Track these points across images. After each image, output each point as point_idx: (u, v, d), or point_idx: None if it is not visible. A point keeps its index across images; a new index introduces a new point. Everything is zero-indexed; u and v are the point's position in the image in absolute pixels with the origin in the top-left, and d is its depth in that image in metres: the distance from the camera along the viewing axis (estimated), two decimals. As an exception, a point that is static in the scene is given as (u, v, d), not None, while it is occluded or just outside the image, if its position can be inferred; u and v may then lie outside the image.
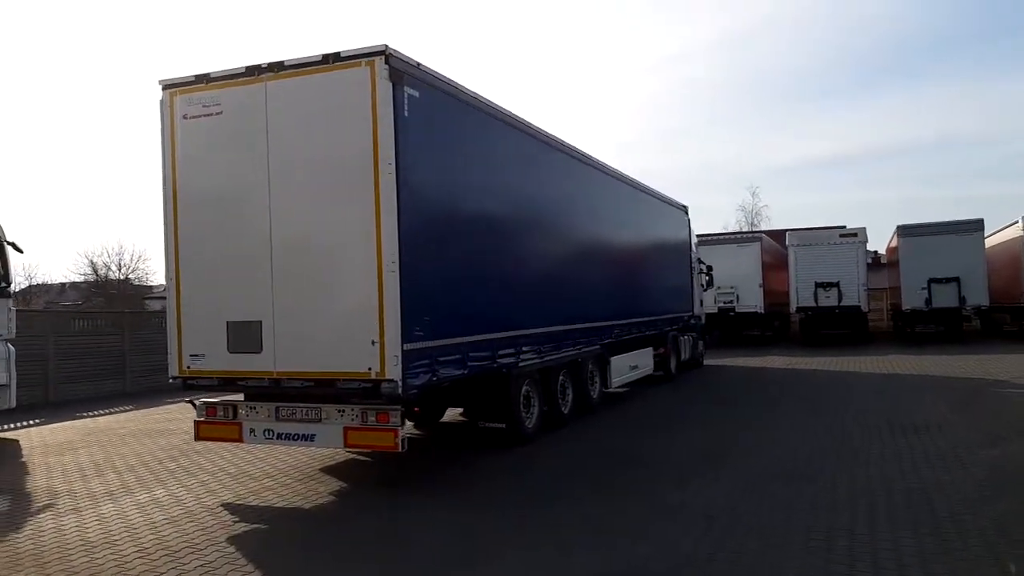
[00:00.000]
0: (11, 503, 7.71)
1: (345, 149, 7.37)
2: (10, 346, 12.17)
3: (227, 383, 7.97)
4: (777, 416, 11.64)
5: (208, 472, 8.92)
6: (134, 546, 6.16)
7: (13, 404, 12.21)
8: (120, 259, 49.29)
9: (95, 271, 48.90)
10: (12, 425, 12.98)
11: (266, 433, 7.97)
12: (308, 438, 7.81)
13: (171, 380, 8.19)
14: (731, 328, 28.76)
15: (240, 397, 8.20)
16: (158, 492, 8.03)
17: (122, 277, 48.84)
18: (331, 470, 8.84)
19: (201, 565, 5.67)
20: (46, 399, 16.18)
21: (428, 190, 7.90)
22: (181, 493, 7.97)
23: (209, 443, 9.26)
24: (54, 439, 11.60)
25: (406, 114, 7.42)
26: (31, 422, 13.39)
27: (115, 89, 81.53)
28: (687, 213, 19.74)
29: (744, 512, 6.52)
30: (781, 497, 6.94)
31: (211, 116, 7.91)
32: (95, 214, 76.39)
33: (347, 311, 7.37)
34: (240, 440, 8.10)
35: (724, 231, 41.06)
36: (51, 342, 16.56)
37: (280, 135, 7.64)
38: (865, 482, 7.36)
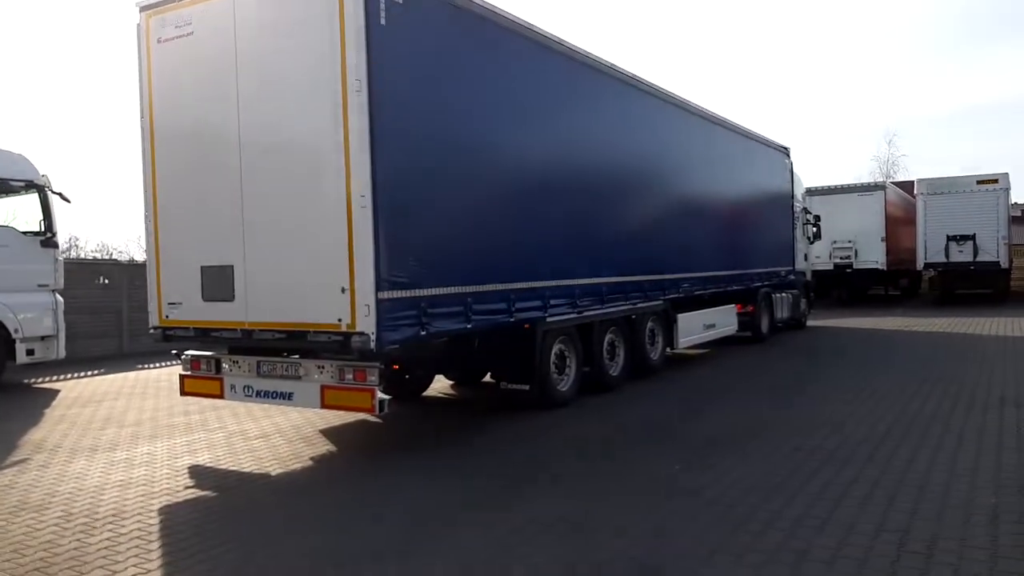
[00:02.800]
0: (-10, 457, 7.36)
1: (313, 67, 6.36)
2: (57, 296, 12.10)
3: (202, 334, 7.27)
4: (860, 385, 9.89)
5: (207, 429, 8.35)
6: (63, 511, 5.53)
7: (62, 355, 12.17)
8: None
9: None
10: (66, 376, 13.03)
11: (246, 390, 7.23)
12: (286, 396, 7.01)
13: (151, 331, 7.60)
14: (849, 286, 26.23)
15: (227, 350, 7.52)
16: (141, 449, 7.49)
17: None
18: (331, 432, 8.04)
19: (108, 538, 4.94)
20: (120, 350, 16.42)
21: (416, 113, 6.80)
22: (162, 451, 7.39)
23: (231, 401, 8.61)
24: (93, 390, 11.47)
25: (383, 23, 6.32)
26: (89, 373, 13.44)
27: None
28: (788, 156, 17.60)
29: (768, 502, 5.16)
30: (824, 482, 5.51)
31: (183, 38, 7.11)
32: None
33: (318, 255, 6.44)
34: (221, 396, 7.42)
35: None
36: (126, 294, 16.73)
37: (249, 56, 6.73)
38: (924, 467, 5.83)
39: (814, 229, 20.01)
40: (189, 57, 7.06)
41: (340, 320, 6.30)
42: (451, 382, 10.66)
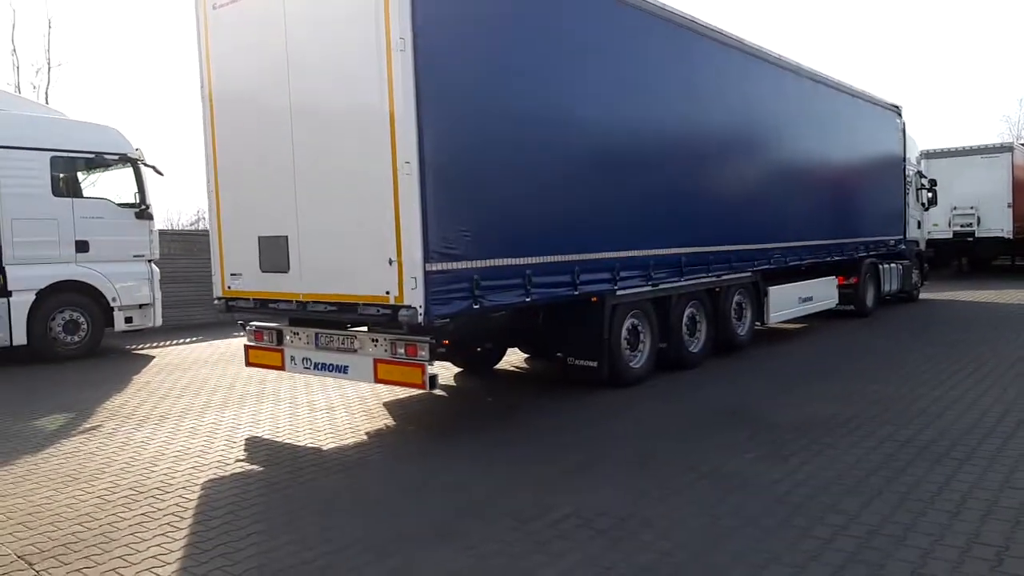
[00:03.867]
0: (67, 422, 7.58)
1: (358, 27, 6.05)
2: (153, 266, 12.51)
3: (262, 305, 7.20)
4: (971, 368, 8.91)
5: (277, 400, 8.35)
6: (111, 483, 5.58)
7: (159, 323, 12.63)
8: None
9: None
10: (164, 343, 13.50)
11: (304, 362, 7.15)
12: (342, 370, 6.87)
13: (215, 302, 7.60)
14: (971, 256, 24.29)
15: (288, 321, 7.45)
16: (208, 418, 7.55)
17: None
18: (394, 405, 7.90)
19: (144, 513, 4.91)
20: (221, 318, 16.94)
21: (468, 72, 6.42)
22: (228, 421, 7.43)
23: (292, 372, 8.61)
24: (184, 357, 11.81)
25: (428, -25, 5.94)
26: (185, 340, 13.90)
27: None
28: (900, 115, 16.18)
29: (844, 503, 4.58)
30: (913, 481, 4.87)
31: (235, 3, 6.96)
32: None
33: (366, 225, 6.21)
34: (282, 368, 7.38)
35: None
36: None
37: (297, 19, 6.51)
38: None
39: (929, 195, 18.43)
40: (241, 22, 6.91)
41: (388, 293, 6.06)
42: (526, 355, 10.35)
